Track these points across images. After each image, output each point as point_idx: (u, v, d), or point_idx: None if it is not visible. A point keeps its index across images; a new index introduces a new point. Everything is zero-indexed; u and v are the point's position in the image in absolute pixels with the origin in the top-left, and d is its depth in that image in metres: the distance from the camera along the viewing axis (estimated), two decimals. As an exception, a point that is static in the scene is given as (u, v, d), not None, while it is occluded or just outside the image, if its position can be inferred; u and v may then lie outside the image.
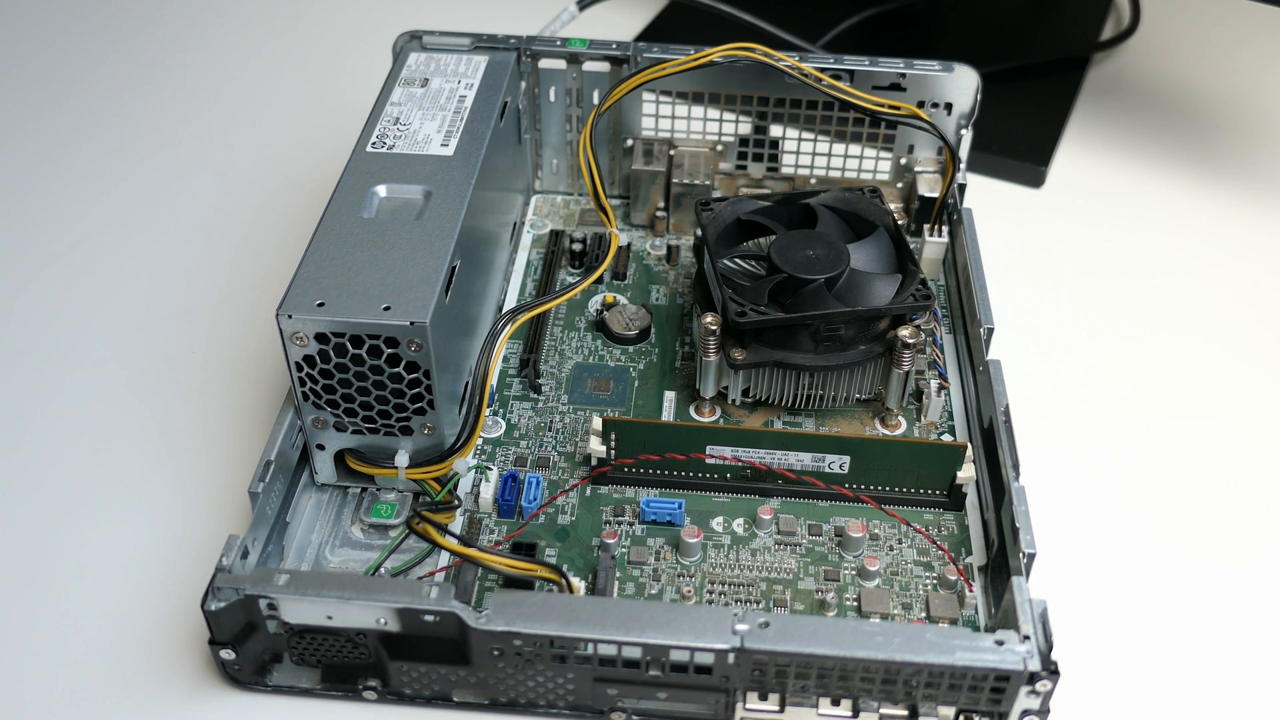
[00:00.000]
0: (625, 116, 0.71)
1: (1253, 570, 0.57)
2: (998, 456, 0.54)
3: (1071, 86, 0.86)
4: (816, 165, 0.73)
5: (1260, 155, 0.83)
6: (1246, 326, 0.69)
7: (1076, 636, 0.53)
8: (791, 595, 0.53)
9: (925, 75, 0.68)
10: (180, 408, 0.63)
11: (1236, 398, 0.65)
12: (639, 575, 0.54)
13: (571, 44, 0.69)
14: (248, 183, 0.79)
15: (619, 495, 0.57)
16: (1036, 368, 0.66)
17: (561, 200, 0.75)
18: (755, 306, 0.56)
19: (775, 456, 0.56)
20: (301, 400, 0.53)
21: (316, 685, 0.50)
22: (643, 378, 0.63)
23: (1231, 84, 0.89)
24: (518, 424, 0.60)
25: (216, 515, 0.58)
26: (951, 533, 0.56)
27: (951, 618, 0.52)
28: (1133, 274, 0.73)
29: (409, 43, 0.68)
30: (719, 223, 0.62)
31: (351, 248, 0.54)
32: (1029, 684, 0.45)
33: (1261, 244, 0.75)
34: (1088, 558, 0.57)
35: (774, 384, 0.59)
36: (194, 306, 0.69)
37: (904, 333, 0.57)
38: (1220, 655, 0.53)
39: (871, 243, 0.61)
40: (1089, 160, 0.81)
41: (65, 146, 0.82)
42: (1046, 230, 0.76)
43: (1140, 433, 0.63)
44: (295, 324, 0.50)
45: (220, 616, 0.47)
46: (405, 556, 0.54)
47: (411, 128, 0.61)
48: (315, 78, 0.88)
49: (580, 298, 0.67)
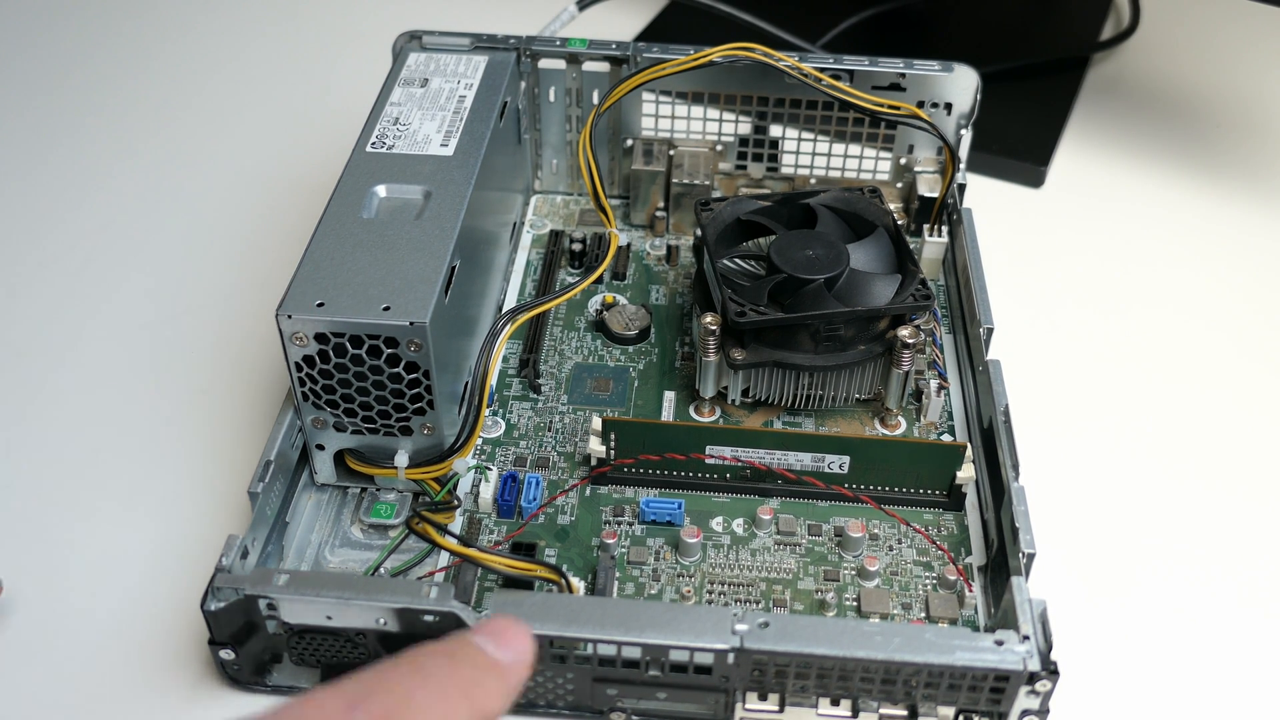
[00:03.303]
0: (625, 116, 0.71)
1: (1253, 571, 0.57)
2: (997, 456, 0.54)
3: (1071, 86, 0.86)
4: (816, 165, 0.73)
5: (1260, 155, 0.83)
6: (1247, 326, 0.69)
7: (1076, 636, 0.53)
8: (791, 595, 0.53)
9: (925, 75, 0.68)
10: (180, 408, 0.63)
11: (1237, 397, 0.65)
12: (639, 575, 0.54)
13: (571, 44, 0.69)
14: (248, 183, 0.79)
15: (619, 495, 0.57)
16: (1036, 368, 0.66)
17: (561, 200, 0.75)
18: (755, 306, 0.56)
19: (775, 456, 0.56)
20: (301, 400, 0.53)
21: (316, 685, 0.50)
22: (642, 378, 0.63)
23: (1231, 84, 0.89)
24: (517, 424, 0.60)
25: (216, 515, 0.58)
26: (951, 533, 0.56)
27: (951, 618, 0.52)
28: (1133, 274, 0.73)
29: (409, 43, 0.68)
30: (719, 223, 0.62)
31: (351, 248, 0.54)
32: (1029, 684, 0.45)
33: (1261, 243, 0.75)
34: (1088, 558, 0.57)
35: (774, 384, 0.59)
36: (194, 306, 0.69)
37: (904, 333, 0.57)
38: (1220, 655, 0.53)
39: (871, 243, 0.61)
40: (1089, 160, 0.81)
41: (65, 146, 0.82)
42: (1046, 230, 0.76)
43: (1140, 432, 0.63)
44: (295, 324, 0.50)
45: (220, 616, 0.47)
46: (405, 557, 0.54)
47: (411, 128, 0.61)
48: (316, 78, 0.88)
49: (580, 298, 0.67)
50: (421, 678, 0.33)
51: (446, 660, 0.34)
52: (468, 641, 0.35)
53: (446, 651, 0.34)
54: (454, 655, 0.34)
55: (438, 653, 0.34)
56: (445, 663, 0.34)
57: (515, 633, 0.36)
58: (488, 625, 0.37)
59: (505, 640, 0.36)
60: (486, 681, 0.34)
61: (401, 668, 0.33)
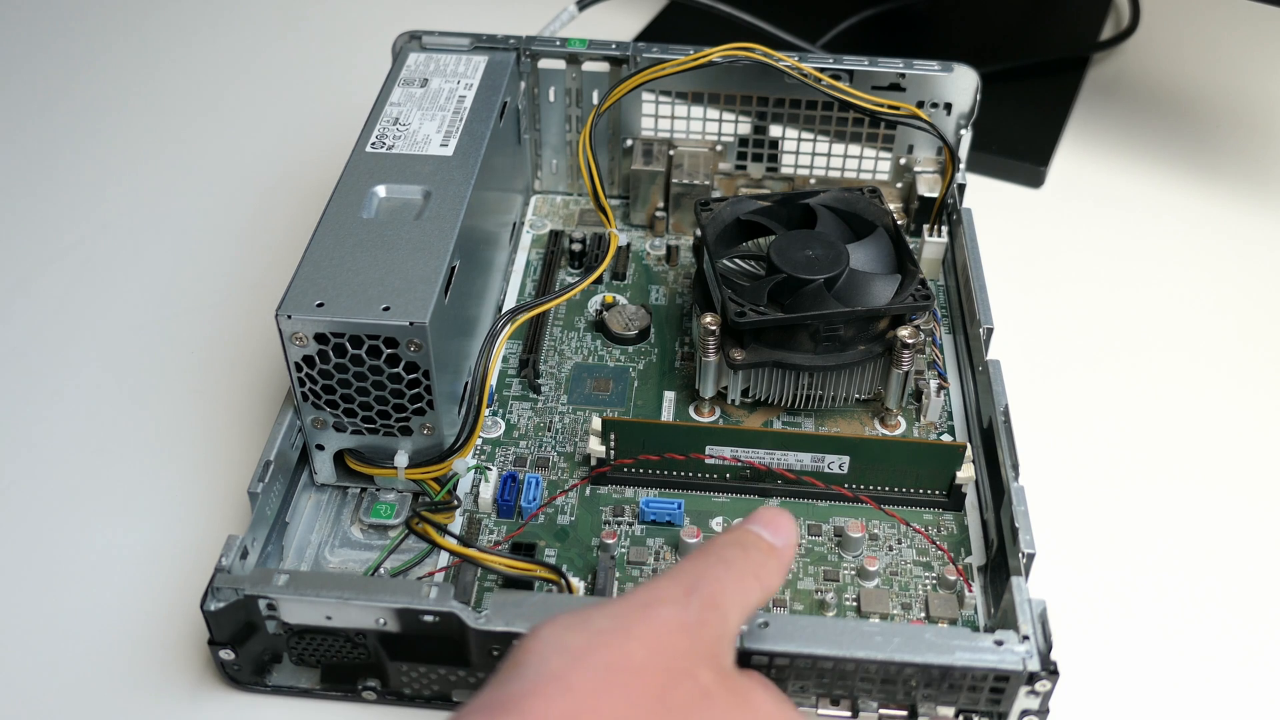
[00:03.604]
0: (625, 116, 0.71)
1: (1253, 570, 0.57)
2: (997, 456, 0.54)
3: (1071, 86, 0.86)
4: (816, 165, 0.73)
5: (1260, 155, 0.83)
6: (1247, 325, 0.69)
7: (1076, 636, 0.53)
8: (791, 595, 0.53)
9: (925, 75, 0.68)
10: (180, 408, 0.63)
11: (1237, 397, 0.65)
12: (639, 575, 0.54)
13: (571, 44, 0.69)
14: (247, 183, 0.79)
15: (618, 495, 0.57)
16: (1036, 368, 0.66)
17: (561, 200, 0.75)
18: (755, 307, 0.56)
19: (775, 456, 0.56)
20: (301, 400, 0.53)
21: (316, 685, 0.50)
22: (642, 378, 0.63)
23: (1231, 84, 0.89)
24: (517, 424, 0.60)
25: (216, 515, 0.58)
26: (951, 533, 0.56)
27: (951, 618, 0.52)
28: (1132, 274, 0.73)
29: (409, 43, 0.68)
30: (718, 223, 0.62)
31: (351, 248, 0.54)
32: (1028, 684, 0.45)
33: (1261, 244, 0.75)
34: (1088, 558, 0.57)
35: (773, 384, 0.59)
36: (194, 306, 0.69)
37: (903, 333, 0.57)
38: (1220, 655, 0.53)
39: (871, 243, 0.61)
40: (1089, 160, 0.81)
41: (65, 146, 0.82)
42: (1046, 230, 0.76)
43: (1140, 432, 0.63)
44: (295, 324, 0.50)
45: (220, 617, 0.47)
46: (405, 557, 0.54)
47: (411, 128, 0.61)
48: (315, 78, 0.88)
49: (580, 298, 0.67)
50: (725, 566, 0.41)
51: (740, 550, 0.42)
52: (750, 531, 0.43)
53: (738, 542, 0.42)
54: (744, 545, 0.42)
55: (732, 544, 0.42)
56: (740, 553, 0.42)
57: (784, 521, 0.44)
58: (761, 515, 0.44)
59: (777, 527, 0.44)
60: (769, 563, 0.42)
61: (710, 558, 0.41)
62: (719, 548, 0.42)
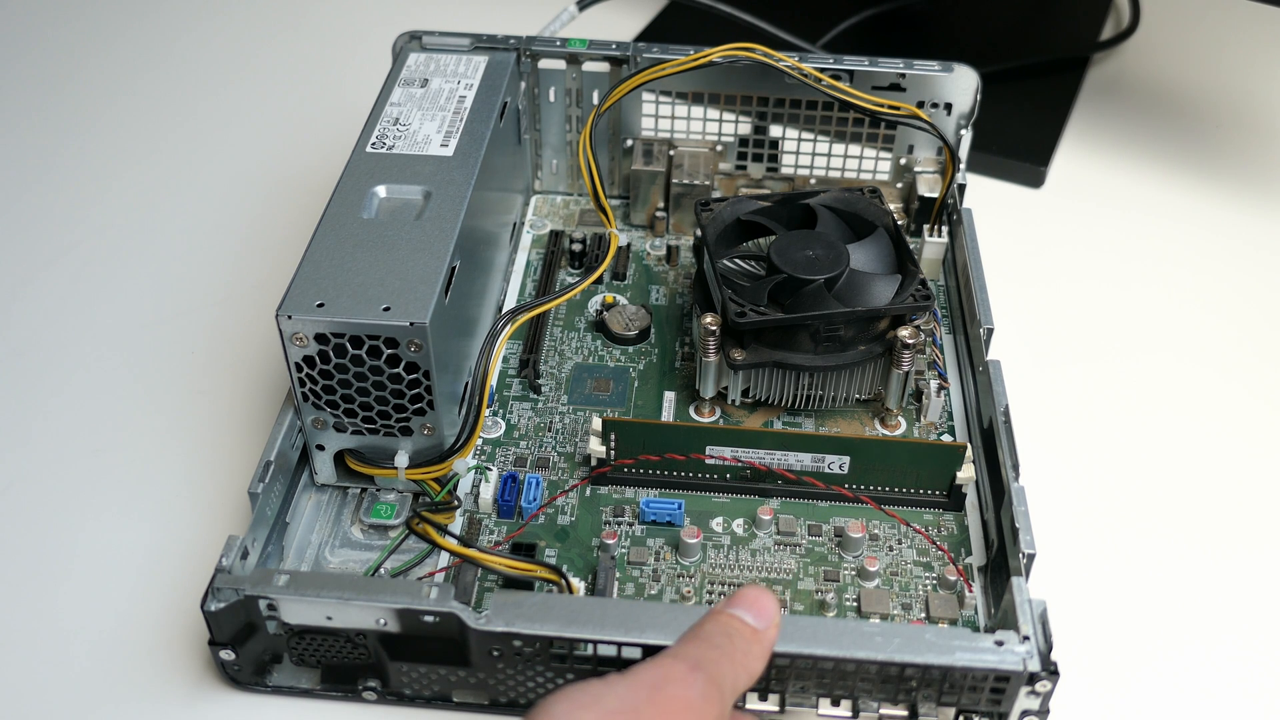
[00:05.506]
0: (625, 117, 0.71)
1: (1252, 570, 0.57)
2: (997, 457, 0.54)
3: (1071, 86, 0.86)
4: (816, 165, 0.73)
5: (1260, 156, 0.83)
6: (1247, 326, 0.69)
7: (1076, 636, 0.53)
8: (791, 596, 0.53)
9: (925, 75, 0.68)
10: (180, 408, 0.63)
11: (1236, 397, 0.65)
12: (639, 576, 0.54)
13: (571, 44, 0.69)
14: (248, 183, 0.79)
15: (619, 496, 0.57)
16: (1036, 368, 0.66)
17: (561, 200, 0.75)
18: (755, 307, 0.56)
19: (775, 457, 0.56)
20: (301, 401, 0.53)
21: (316, 686, 0.50)
22: (642, 378, 0.63)
23: (1231, 84, 0.89)
24: (517, 424, 0.60)
25: (216, 515, 0.58)
26: (951, 533, 0.56)
27: (951, 618, 0.52)
28: (1132, 273, 0.73)
29: (409, 43, 0.68)
30: (719, 223, 0.62)
31: (351, 248, 0.54)
32: (1029, 684, 0.45)
33: (1261, 244, 0.75)
34: (1088, 558, 0.57)
35: (774, 384, 0.59)
36: (194, 306, 0.69)
37: (904, 333, 0.57)
38: (1220, 655, 0.53)
39: (871, 243, 0.61)
40: (1089, 160, 0.81)
41: (65, 146, 0.82)
42: (1046, 230, 0.76)
43: (1140, 432, 0.63)
44: (295, 324, 0.50)
45: (220, 617, 0.47)
46: (405, 557, 0.54)
47: (411, 128, 0.61)
48: (315, 78, 0.88)
49: (580, 298, 0.67)
50: (719, 651, 0.42)
51: (726, 638, 0.43)
52: (734, 617, 0.44)
53: (724, 630, 0.43)
54: (729, 633, 0.43)
55: (719, 632, 0.43)
56: (727, 640, 0.43)
57: (765, 601, 0.44)
58: (744, 597, 0.44)
59: (760, 610, 0.44)
60: (753, 649, 0.43)
61: (704, 643, 0.42)
62: (709, 635, 0.43)
